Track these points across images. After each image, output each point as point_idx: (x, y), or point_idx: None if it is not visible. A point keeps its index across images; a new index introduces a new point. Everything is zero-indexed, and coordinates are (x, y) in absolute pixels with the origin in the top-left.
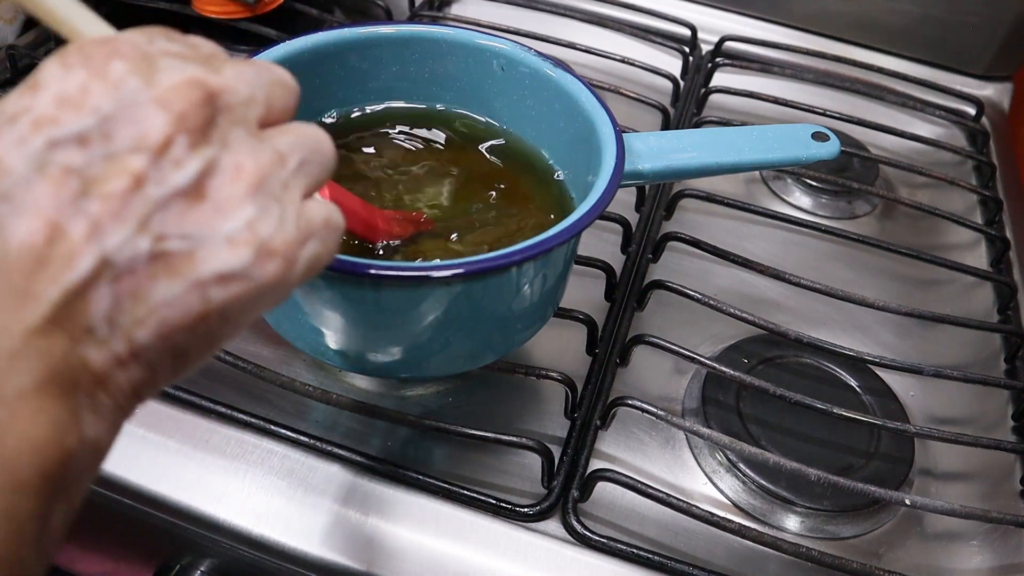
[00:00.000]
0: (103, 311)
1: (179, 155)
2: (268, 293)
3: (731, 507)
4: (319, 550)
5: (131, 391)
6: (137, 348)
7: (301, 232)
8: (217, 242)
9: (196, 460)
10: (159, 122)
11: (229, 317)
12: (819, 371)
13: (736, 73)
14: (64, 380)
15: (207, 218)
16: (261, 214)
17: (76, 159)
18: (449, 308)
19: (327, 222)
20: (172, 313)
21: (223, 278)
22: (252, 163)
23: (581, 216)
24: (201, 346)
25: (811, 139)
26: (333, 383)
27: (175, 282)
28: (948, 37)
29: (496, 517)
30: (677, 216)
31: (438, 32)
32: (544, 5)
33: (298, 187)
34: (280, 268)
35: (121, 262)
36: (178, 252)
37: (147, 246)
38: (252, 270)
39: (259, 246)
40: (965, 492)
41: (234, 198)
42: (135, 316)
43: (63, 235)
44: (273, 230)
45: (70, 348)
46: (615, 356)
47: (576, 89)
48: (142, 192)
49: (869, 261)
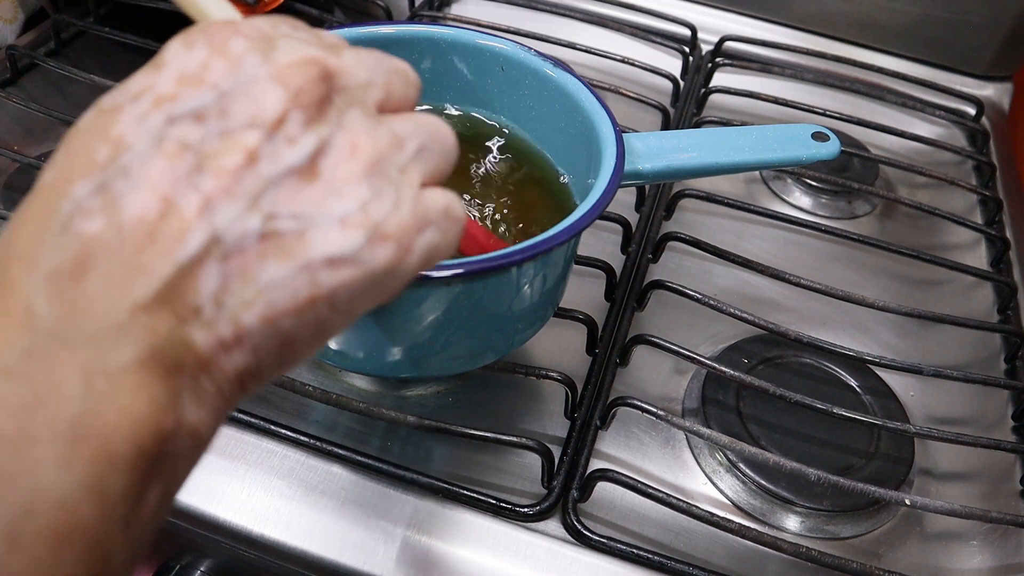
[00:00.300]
0: (211, 290)
1: (293, 132)
2: (380, 281)
3: (731, 507)
4: (319, 550)
5: (235, 379)
6: (243, 331)
7: (418, 218)
8: (329, 223)
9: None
10: (274, 97)
11: (338, 304)
12: (819, 371)
13: (736, 73)
14: (167, 360)
15: (319, 198)
16: (376, 196)
17: (192, 135)
18: (449, 308)
19: (447, 211)
20: (280, 296)
21: (333, 261)
22: (368, 143)
23: (581, 216)
24: (308, 335)
25: (811, 139)
26: (333, 383)
27: (284, 263)
28: (948, 37)
29: (496, 517)
30: (677, 216)
31: (438, 32)
32: (544, 5)
33: (417, 172)
34: (393, 254)
35: (231, 240)
36: (288, 232)
37: (257, 224)
38: (364, 254)
39: (372, 229)
40: (965, 492)
41: (348, 178)
42: (242, 298)
43: (176, 210)
44: (387, 213)
45: (176, 327)
46: (615, 356)
47: (576, 89)
48: (255, 169)
49: (869, 261)
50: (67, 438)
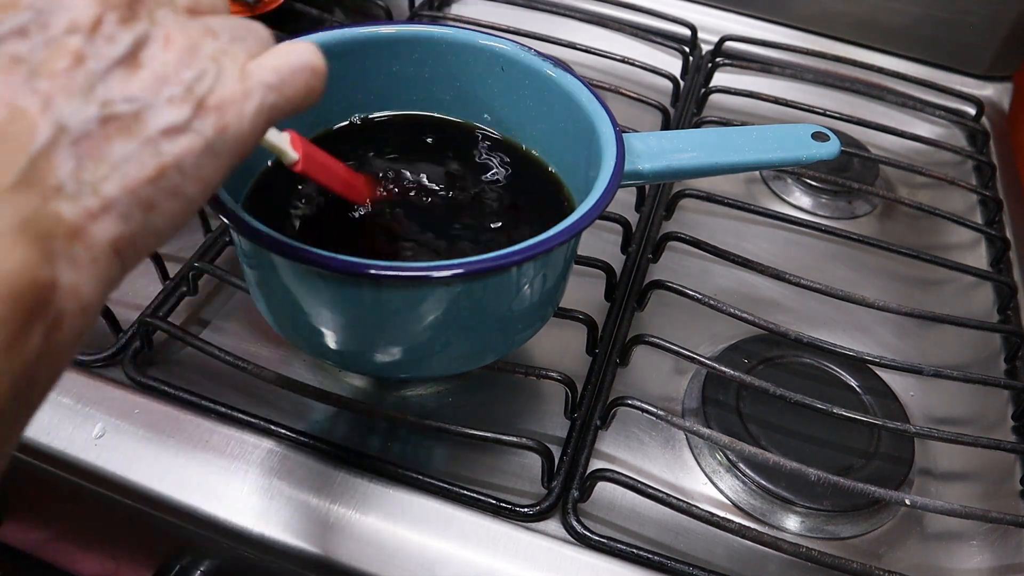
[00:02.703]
0: (68, 170)
1: (110, 31)
2: (220, 144)
3: (731, 507)
4: (319, 550)
5: (109, 246)
6: (106, 201)
7: (243, 87)
8: (159, 103)
9: (196, 460)
10: (86, 3)
11: (187, 170)
12: (819, 371)
13: (736, 73)
14: (38, 229)
15: (146, 83)
16: (197, 76)
17: (21, 48)
18: (449, 308)
19: (276, 71)
20: (132, 169)
21: (169, 132)
22: (180, 35)
23: (581, 216)
24: (170, 202)
25: (811, 139)
26: (333, 383)
27: (129, 140)
28: (948, 37)
29: (496, 517)
30: (677, 216)
31: (438, 32)
32: (544, 5)
33: (237, 53)
34: (223, 121)
35: (75, 126)
36: (126, 114)
37: (95, 111)
38: (195, 124)
39: (197, 102)
40: (965, 492)
41: (169, 64)
42: (99, 173)
43: (21, 112)
44: (209, 87)
45: (42, 202)
46: (615, 356)
47: (576, 89)
48: (83, 67)
49: (869, 261)
50: None
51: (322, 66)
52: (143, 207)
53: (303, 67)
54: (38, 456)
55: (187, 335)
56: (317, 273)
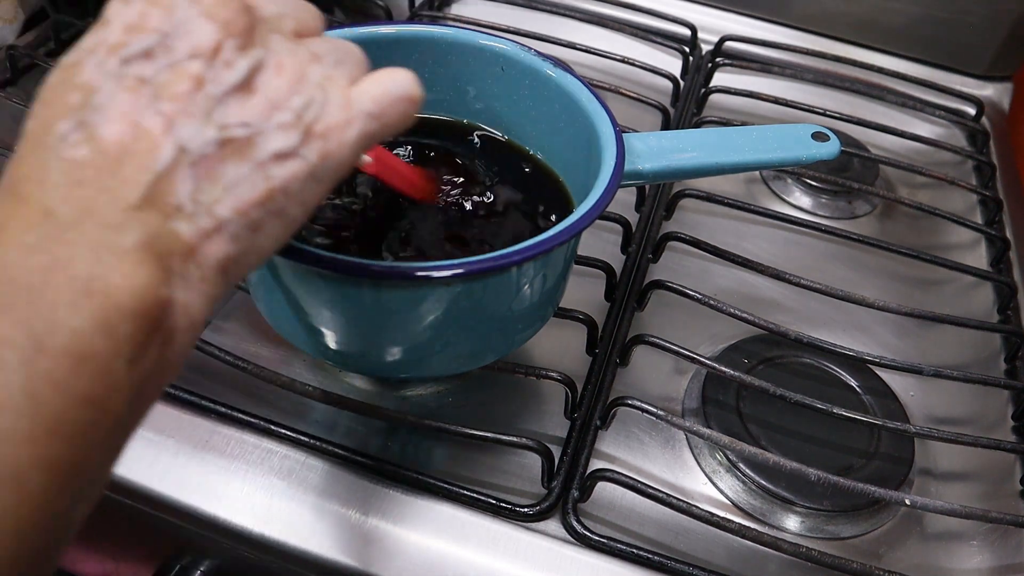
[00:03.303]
0: (187, 191)
1: (229, 57)
2: (322, 170)
3: (731, 507)
4: (319, 550)
5: (217, 264)
6: (220, 221)
7: (346, 115)
8: (270, 127)
9: (196, 460)
10: (208, 30)
11: (291, 193)
12: (819, 371)
13: (736, 73)
14: (159, 247)
15: (260, 109)
16: (305, 103)
17: (146, 71)
18: (449, 308)
19: (376, 101)
20: (244, 190)
21: (279, 157)
22: (291, 61)
23: (581, 216)
24: (274, 222)
25: (811, 139)
26: (333, 383)
27: (242, 163)
28: (948, 37)
29: (496, 517)
30: (677, 216)
31: (438, 32)
32: (544, 5)
33: (340, 78)
34: (327, 147)
35: (195, 149)
36: (240, 138)
37: (214, 134)
38: (303, 150)
39: (305, 129)
40: (965, 492)
41: (279, 90)
42: (213, 194)
43: (145, 132)
44: (316, 115)
45: (164, 222)
46: (615, 356)
47: (576, 89)
48: (203, 90)
49: (869, 261)
50: (80, 290)
51: (419, 95)
52: (251, 228)
53: (401, 97)
54: None
55: None
56: (317, 273)
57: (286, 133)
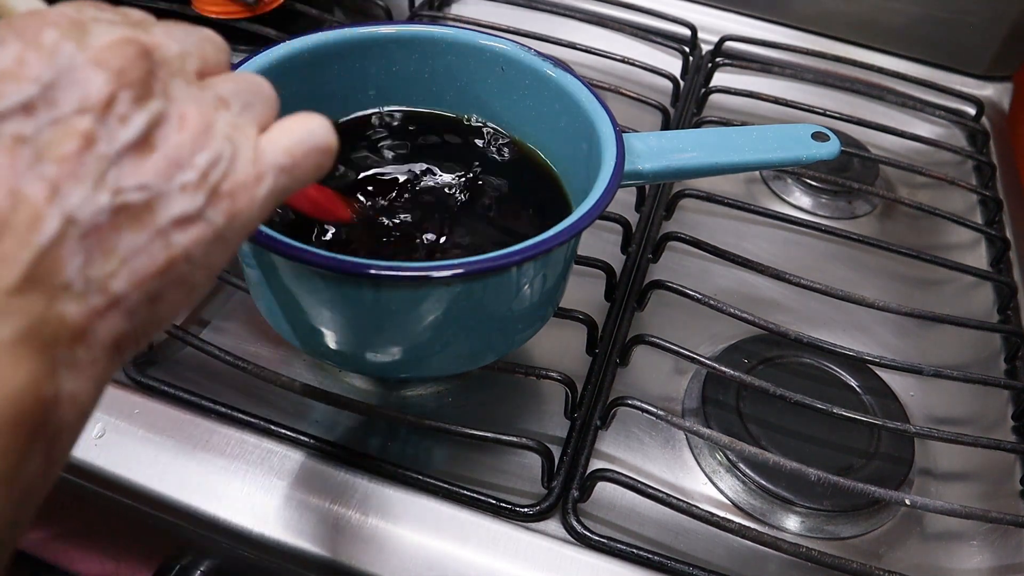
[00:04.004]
0: (76, 266)
1: (124, 110)
2: (229, 232)
3: (731, 507)
4: (319, 550)
5: (111, 344)
6: (114, 297)
7: (256, 170)
8: (172, 190)
9: (196, 460)
10: (99, 81)
11: (195, 259)
12: (819, 371)
13: (736, 73)
14: (43, 336)
15: (160, 169)
16: (211, 160)
17: (25, 128)
18: (449, 308)
19: (289, 153)
20: (141, 261)
21: (181, 222)
22: (195, 111)
23: (581, 216)
24: (176, 291)
25: (811, 139)
26: (333, 383)
27: (140, 231)
28: (948, 37)
29: (496, 517)
30: (677, 216)
31: (438, 32)
32: (544, 5)
33: (248, 126)
34: (234, 207)
35: (85, 218)
36: (136, 203)
37: (107, 200)
38: (207, 212)
39: (211, 189)
40: (965, 492)
41: (182, 146)
42: (107, 268)
43: (25, 200)
44: (224, 172)
45: (48, 304)
46: (615, 356)
47: (576, 89)
48: (94, 150)
49: (869, 261)
50: None
51: (334, 145)
52: (150, 300)
53: (316, 148)
54: None
55: (187, 335)
56: (317, 273)
57: (190, 195)
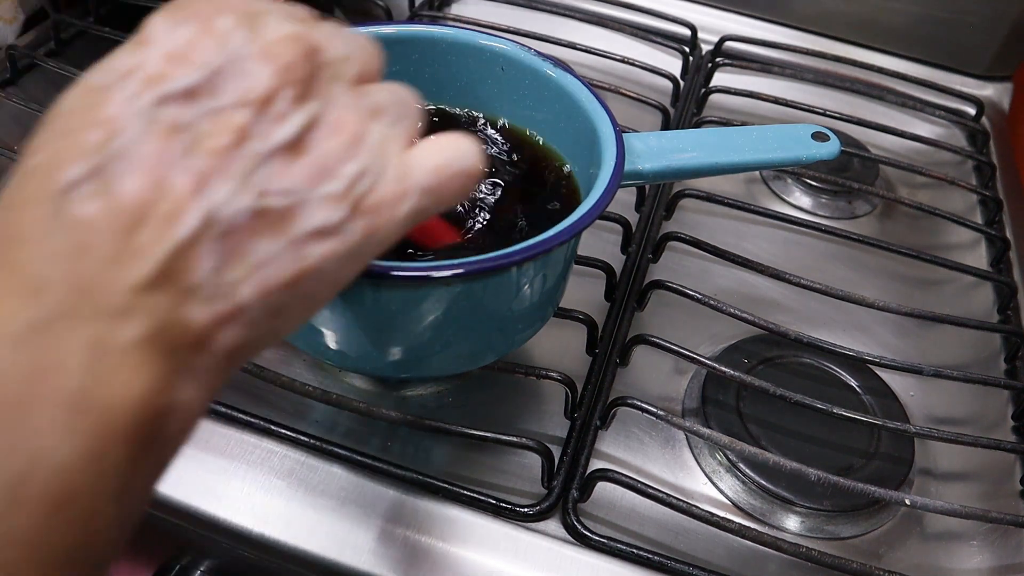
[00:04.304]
0: (208, 268)
1: (283, 109)
2: (364, 249)
3: (731, 507)
4: (319, 550)
5: (228, 354)
6: (239, 306)
7: (401, 188)
8: (315, 199)
9: (196, 460)
10: (264, 75)
11: (326, 275)
12: (819, 371)
13: (736, 73)
14: (166, 339)
15: (307, 174)
16: (360, 171)
17: (184, 115)
18: (449, 308)
19: (435, 174)
20: (272, 271)
21: (319, 234)
22: (352, 118)
23: (581, 216)
24: (299, 305)
25: (811, 139)
26: (333, 383)
27: (275, 240)
28: (948, 37)
29: (496, 517)
30: (677, 216)
31: (438, 32)
32: (544, 5)
33: (396, 141)
34: (374, 224)
35: (225, 218)
36: (278, 208)
37: (249, 202)
38: (346, 226)
39: (355, 203)
40: (965, 492)
41: (333, 154)
42: (237, 274)
43: (170, 192)
44: (368, 187)
45: (174, 307)
46: (615, 356)
47: (576, 89)
48: (246, 147)
49: (869, 261)
50: (69, 409)
51: (481, 170)
52: (272, 313)
53: (463, 172)
54: None
55: None
56: None
57: (332, 206)
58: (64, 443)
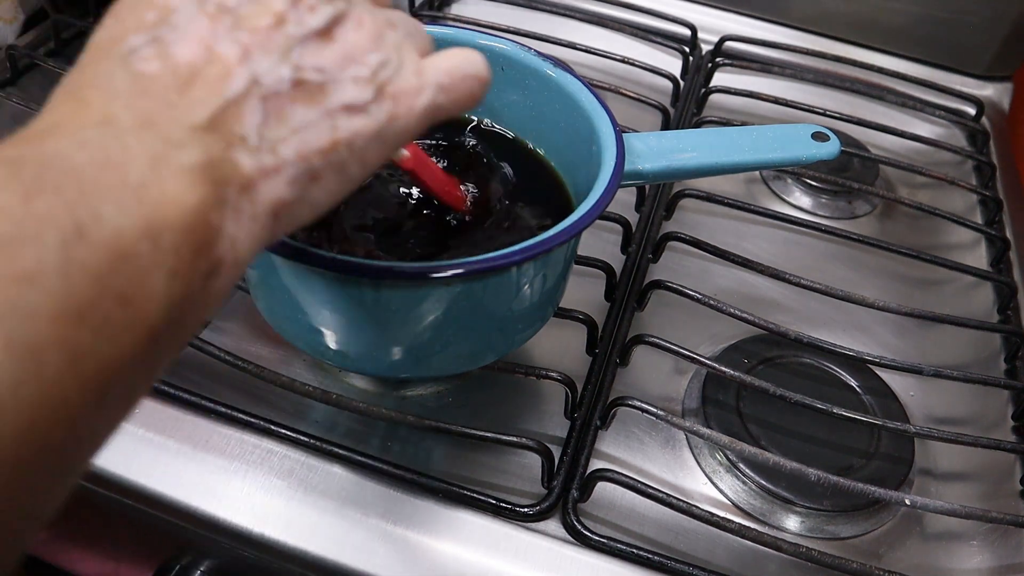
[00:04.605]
0: (254, 123)
1: (313, 2)
2: (386, 132)
3: (731, 507)
4: (319, 550)
5: (271, 206)
6: (281, 161)
7: (418, 82)
8: (345, 78)
9: (196, 460)
10: None
11: (355, 149)
12: (819, 371)
13: (736, 73)
14: (217, 173)
15: (337, 57)
16: (382, 61)
17: (228, 1)
18: (449, 308)
19: (448, 74)
20: (310, 136)
21: (349, 109)
22: (371, 20)
23: (581, 216)
24: (333, 176)
25: (811, 139)
26: (333, 383)
27: (312, 108)
28: (948, 37)
29: (496, 517)
30: (677, 216)
31: (438, 32)
32: (544, 5)
33: (411, 48)
34: (396, 110)
35: (268, 83)
36: (313, 82)
37: (288, 73)
38: (372, 107)
39: (379, 87)
40: (965, 492)
41: (358, 44)
42: (279, 134)
43: (220, 58)
44: (390, 76)
45: (226, 149)
46: (615, 356)
47: (576, 89)
48: (283, 29)
49: (869, 261)
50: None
51: (488, 76)
52: (310, 176)
53: (472, 75)
54: None
55: None
56: (317, 273)
57: (359, 87)
58: (123, 215)
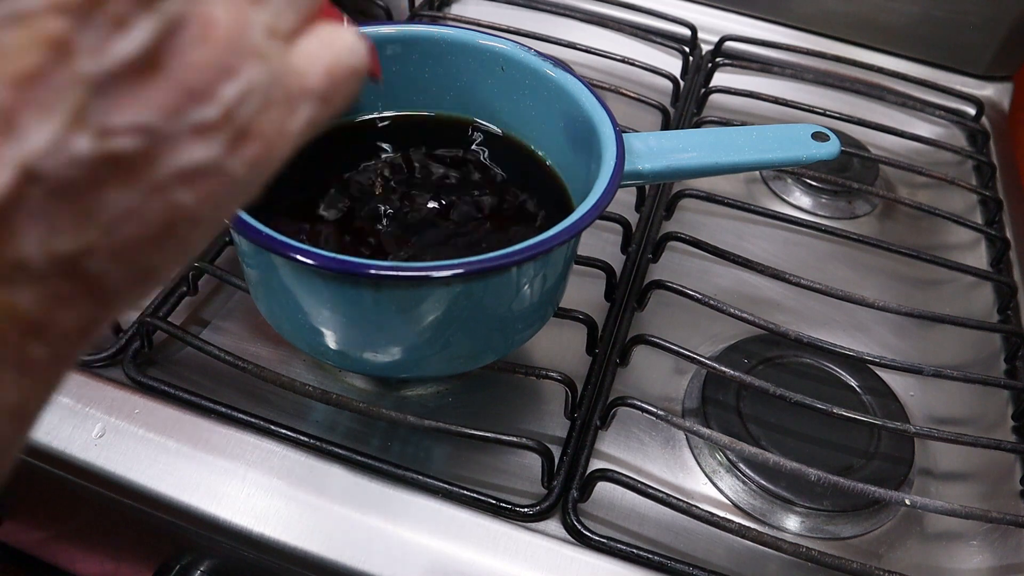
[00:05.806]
0: (36, 239)
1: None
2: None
3: (731, 507)
4: (319, 550)
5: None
6: (87, 280)
7: (292, 96)
8: (181, 131)
9: (196, 460)
10: None
11: (200, 220)
12: (819, 371)
13: (736, 73)
14: None
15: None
16: (240, 92)
17: None
18: (449, 308)
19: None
20: (129, 229)
21: (190, 176)
22: (225, 15)
23: (581, 216)
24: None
25: (811, 139)
26: (333, 383)
27: (130, 190)
28: (948, 37)
29: (496, 517)
30: (677, 216)
31: (438, 32)
32: (544, 5)
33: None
34: (258, 152)
35: (52, 170)
36: (130, 152)
37: (87, 146)
38: (227, 160)
39: (236, 132)
40: (965, 492)
41: (204, 68)
42: (81, 241)
43: None
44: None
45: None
46: (615, 356)
47: (576, 89)
48: (69, 68)
49: (869, 261)
50: None
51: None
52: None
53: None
54: (38, 456)
55: (187, 335)
56: (317, 273)
57: (205, 141)
58: None
